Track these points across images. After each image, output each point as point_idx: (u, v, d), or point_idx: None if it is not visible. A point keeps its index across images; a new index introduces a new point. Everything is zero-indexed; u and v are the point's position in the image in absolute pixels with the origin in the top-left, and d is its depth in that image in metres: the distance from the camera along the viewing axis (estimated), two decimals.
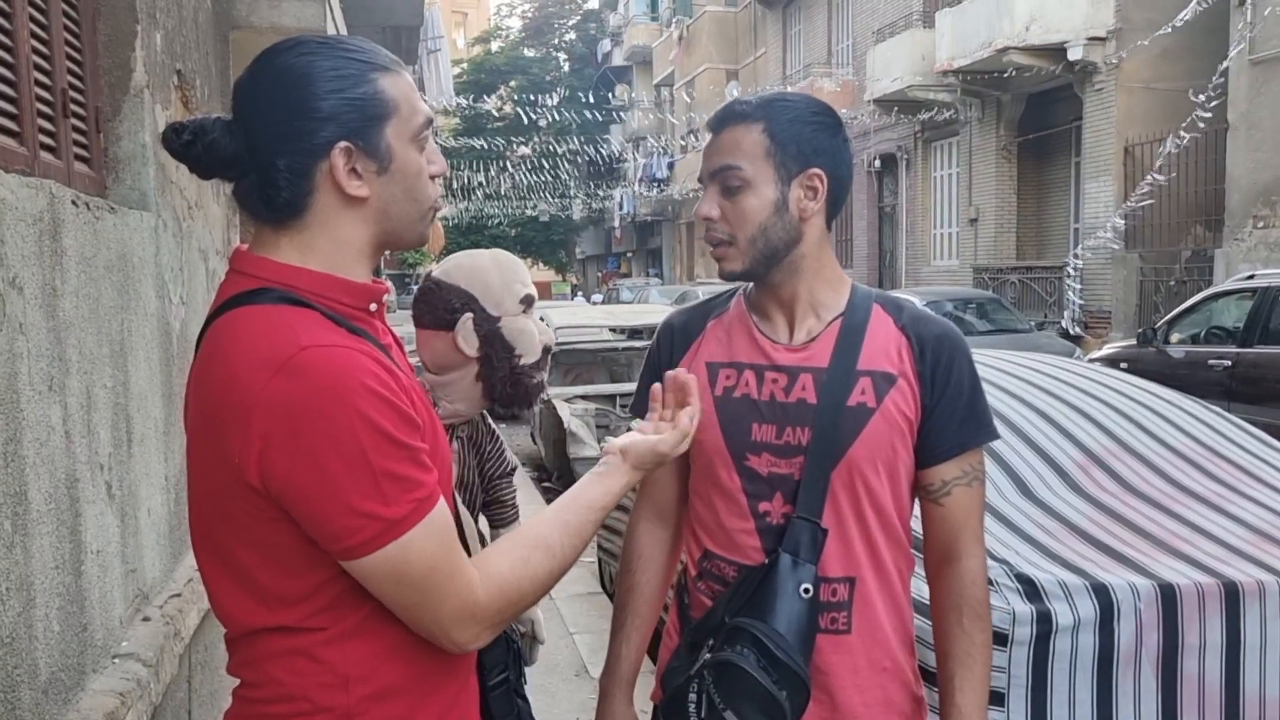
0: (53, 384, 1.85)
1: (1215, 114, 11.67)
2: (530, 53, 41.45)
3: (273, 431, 1.00)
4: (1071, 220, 15.94)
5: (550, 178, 29.74)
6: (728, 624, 1.41)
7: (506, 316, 1.84)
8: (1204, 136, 11.99)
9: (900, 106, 17.91)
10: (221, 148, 1.09)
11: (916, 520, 1.54)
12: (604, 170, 34.04)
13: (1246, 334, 7.50)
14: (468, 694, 1.23)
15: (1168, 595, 2.11)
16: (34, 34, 2.05)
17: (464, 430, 2.03)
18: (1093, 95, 14.41)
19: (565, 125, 26.53)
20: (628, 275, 38.35)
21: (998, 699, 2.02)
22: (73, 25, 2.32)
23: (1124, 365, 8.05)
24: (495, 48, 41.86)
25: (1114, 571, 2.19)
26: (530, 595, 1.13)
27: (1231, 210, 12.04)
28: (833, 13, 22.67)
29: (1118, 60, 13.70)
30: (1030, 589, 2.09)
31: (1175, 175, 12.41)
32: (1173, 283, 12.86)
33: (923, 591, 1.59)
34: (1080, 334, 13.45)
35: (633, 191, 32.92)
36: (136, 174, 2.59)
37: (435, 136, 1.20)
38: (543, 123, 25.27)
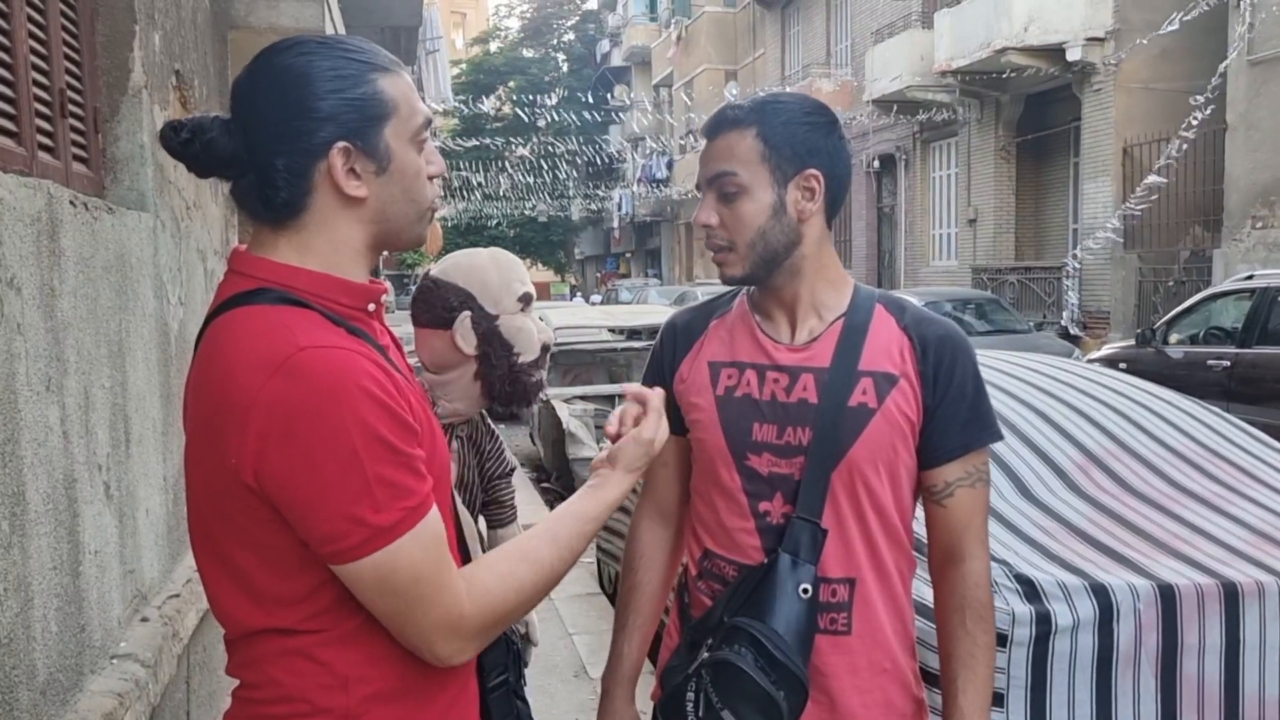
0: (51, 384, 1.84)
1: (1214, 114, 11.68)
2: (529, 53, 41.46)
3: (269, 431, 1.00)
4: (1070, 221, 15.96)
5: (549, 178, 29.73)
6: (726, 623, 1.41)
7: (505, 314, 1.84)
8: (1203, 137, 12.01)
9: (899, 107, 17.92)
10: (220, 147, 1.09)
11: (919, 522, 1.54)
12: (603, 171, 34.04)
13: (1245, 334, 7.50)
14: (467, 695, 1.23)
15: (1167, 596, 2.11)
16: (32, 34, 2.05)
17: (463, 430, 2.02)
18: (1091, 96, 14.42)
19: (564, 126, 26.51)
20: (626, 276, 38.33)
21: (997, 699, 2.02)
22: (71, 25, 2.32)
23: (1123, 366, 8.04)
24: (494, 48, 41.87)
25: (1113, 572, 2.19)
26: (517, 609, 1.12)
27: (1230, 211, 12.05)
28: (831, 13, 22.69)
29: (1116, 61, 13.71)
30: (1030, 590, 2.09)
31: (1174, 175, 12.42)
32: (1171, 283, 12.87)
33: (923, 593, 1.59)
34: (1079, 334, 13.44)
35: (631, 192, 32.90)
36: (135, 174, 2.59)
37: (434, 137, 1.20)
38: (541, 123, 25.27)
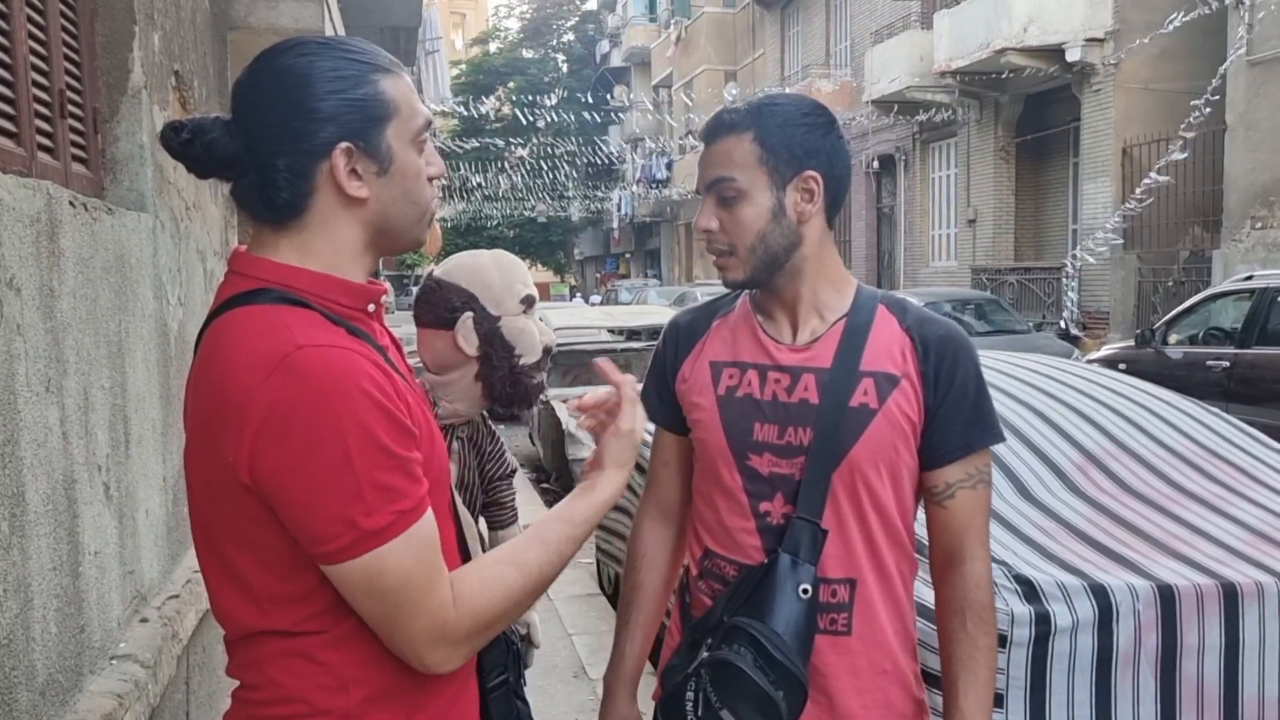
0: (50, 385, 1.84)
1: (1213, 115, 11.68)
2: (528, 54, 41.48)
3: (265, 430, 0.99)
4: (1070, 221, 15.96)
5: (548, 179, 29.74)
6: (726, 623, 1.41)
7: (507, 316, 1.84)
8: (1202, 137, 12.01)
9: (898, 107, 17.92)
10: (220, 147, 1.09)
11: (920, 524, 1.53)
12: (602, 171, 34.05)
13: (1244, 335, 7.50)
14: (467, 696, 1.23)
15: (1166, 596, 2.11)
16: (32, 34, 2.05)
17: (464, 430, 2.02)
18: (1091, 96, 14.43)
19: (563, 126, 26.54)
20: (626, 276, 38.33)
21: (996, 700, 2.02)
22: (70, 26, 2.32)
23: (1122, 366, 8.04)
24: (494, 49, 41.89)
25: (1113, 573, 2.19)
26: (505, 615, 1.11)
27: (1230, 211, 12.05)
28: (831, 14, 22.69)
29: (1116, 61, 13.72)
30: (1029, 590, 2.09)
31: (1174, 175, 12.42)
32: (1171, 283, 12.87)
33: (924, 595, 1.59)
34: (1078, 335, 13.44)
35: (631, 192, 32.91)
36: (134, 175, 2.59)
37: (434, 138, 1.20)
38: (541, 124, 25.27)
